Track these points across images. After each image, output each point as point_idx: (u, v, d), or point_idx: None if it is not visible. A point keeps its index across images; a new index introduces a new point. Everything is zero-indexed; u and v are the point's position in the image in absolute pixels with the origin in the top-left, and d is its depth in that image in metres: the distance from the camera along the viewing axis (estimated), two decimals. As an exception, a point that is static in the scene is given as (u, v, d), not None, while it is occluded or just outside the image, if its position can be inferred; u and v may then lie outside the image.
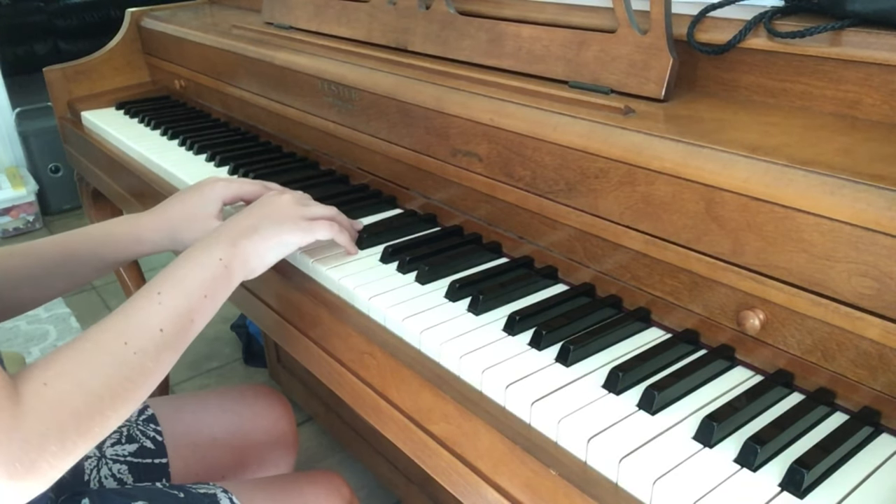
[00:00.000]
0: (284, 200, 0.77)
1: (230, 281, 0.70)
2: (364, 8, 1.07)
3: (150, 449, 0.88)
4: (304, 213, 0.76)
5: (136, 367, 0.60)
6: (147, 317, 0.63)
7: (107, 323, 0.62)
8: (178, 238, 0.82)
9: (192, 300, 0.65)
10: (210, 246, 0.70)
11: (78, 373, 0.57)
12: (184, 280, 0.66)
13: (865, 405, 0.55)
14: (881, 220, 0.50)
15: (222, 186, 0.84)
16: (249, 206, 0.77)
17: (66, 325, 2.19)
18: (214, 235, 0.72)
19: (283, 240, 0.74)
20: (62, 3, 4.61)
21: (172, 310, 0.64)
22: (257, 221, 0.73)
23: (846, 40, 0.65)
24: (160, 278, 0.66)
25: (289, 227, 0.74)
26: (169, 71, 1.49)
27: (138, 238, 0.82)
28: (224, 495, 0.78)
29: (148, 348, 0.61)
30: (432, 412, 0.63)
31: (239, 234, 0.71)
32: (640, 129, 0.65)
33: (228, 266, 0.69)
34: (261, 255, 0.72)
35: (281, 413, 1.03)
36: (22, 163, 2.97)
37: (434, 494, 1.34)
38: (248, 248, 0.71)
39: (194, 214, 0.83)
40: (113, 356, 0.59)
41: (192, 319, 0.65)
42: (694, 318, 0.64)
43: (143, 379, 0.61)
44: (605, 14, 0.80)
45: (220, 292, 0.69)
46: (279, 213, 0.75)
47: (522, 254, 0.80)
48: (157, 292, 0.64)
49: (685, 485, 0.49)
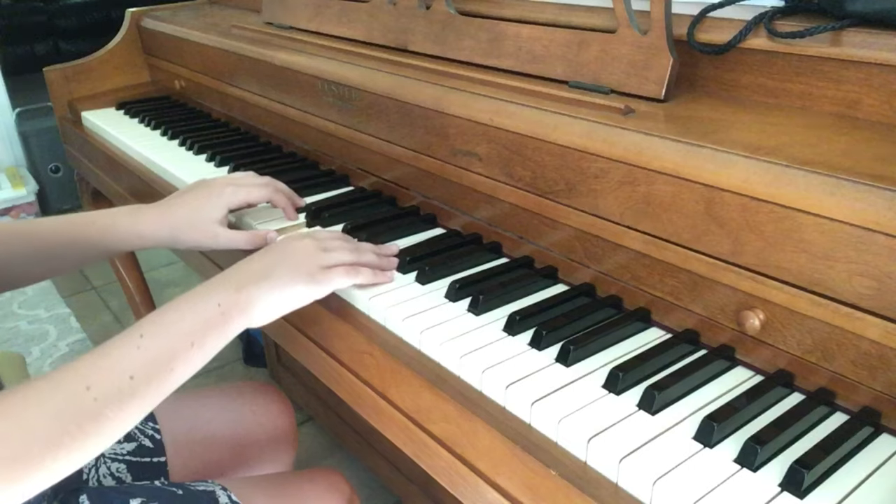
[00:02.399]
0: (303, 245, 0.70)
1: (226, 329, 0.63)
2: (364, 8, 1.07)
3: (148, 447, 0.88)
4: (322, 261, 0.69)
5: (91, 414, 0.54)
6: (118, 360, 0.57)
7: (75, 363, 0.56)
8: (179, 238, 0.82)
9: (176, 347, 0.59)
10: (212, 289, 0.64)
11: (23, 414, 0.52)
12: (172, 324, 0.61)
13: (865, 405, 0.55)
14: (881, 220, 0.50)
15: (230, 192, 0.83)
16: (267, 248, 0.71)
17: (66, 325, 2.19)
18: (221, 277, 0.66)
19: (295, 291, 0.67)
20: (62, 3, 4.61)
21: (150, 355, 0.58)
22: (270, 267, 0.67)
23: (846, 40, 0.65)
24: (148, 319, 0.61)
25: (303, 277, 0.67)
26: (169, 71, 1.49)
27: (140, 233, 0.82)
28: (223, 493, 0.78)
29: (110, 396, 0.55)
30: (432, 412, 0.63)
31: (247, 279, 0.65)
32: (640, 129, 0.65)
33: (226, 313, 0.63)
34: (266, 303, 0.65)
35: (280, 410, 1.02)
36: (22, 163, 2.97)
37: (434, 494, 1.34)
38: (253, 295, 0.64)
39: (198, 218, 0.82)
40: (68, 400, 0.54)
41: (173, 369, 0.59)
42: (694, 318, 0.64)
43: (98, 428, 0.55)
44: (605, 14, 0.80)
45: (211, 341, 0.62)
46: (295, 260, 0.68)
47: (522, 254, 0.80)
48: (140, 335, 0.59)
49: (685, 485, 0.49)
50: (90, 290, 2.41)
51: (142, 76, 1.60)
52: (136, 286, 1.66)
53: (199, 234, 0.82)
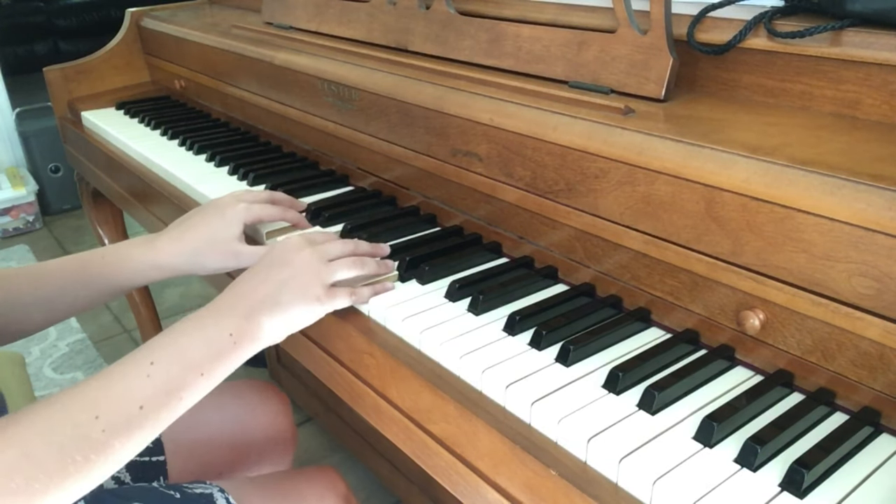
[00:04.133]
0: (306, 262, 0.69)
1: (236, 356, 0.63)
2: (364, 8, 1.07)
3: (147, 447, 0.87)
4: (325, 279, 0.69)
5: (99, 445, 0.54)
6: (129, 389, 0.56)
7: (82, 387, 0.55)
8: (200, 262, 0.79)
9: (186, 377, 0.59)
10: (222, 315, 0.64)
11: (29, 445, 0.51)
12: (183, 353, 0.60)
13: (865, 405, 0.55)
14: (881, 220, 0.50)
15: (243, 209, 0.81)
16: (268, 261, 0.69)
17: (66, 325, 2.19)
18: (229, 301, 0.66)
19: (303, 313, 0.67)
20: (62, 3, 4.61)
21: (161, 386, 0.57)
22: (277, 292, 0.66)
23: (846, 40, 0.65)
24: (157, 344, 0.60)
25: (310, 299, 0.67)
26: (169, 71, 1.49)
27: (156, 264, 0.78)
28: (220, 495, 0.78)
29: (120, 426, 0.55)
30: (432, 412, 0.63)
31: (257, 307, 0.65)
32: (640, 129, 0.65)
33: (238, 342, 0.63)
34: (276, 329, 0.66)
35: (279, 409, 1.02)
36: (22, 163, 2.97)
37: (434, 494, 1.34)
38: (264, 323, 0.64)
39: (217, 238, 0.79)
40: (76, 430, 0.53)
41: (181, 398, 0.59)
42: (694, 318, 0.64)
43: (104, 459, 0.54)
44: (605, 14, 0.80)
45: (220, 370, 0.62)
46: (301, 282, 0.67)
47: (522, 254, 0.80)
48: (150, 362, 0.58)
49: (685, 485, 0.49)
50: (90, 290, 2.41)
51: (142, 76, 1.60)
52: (139, 291, 1.66)
53: (221, 255, 0.79)
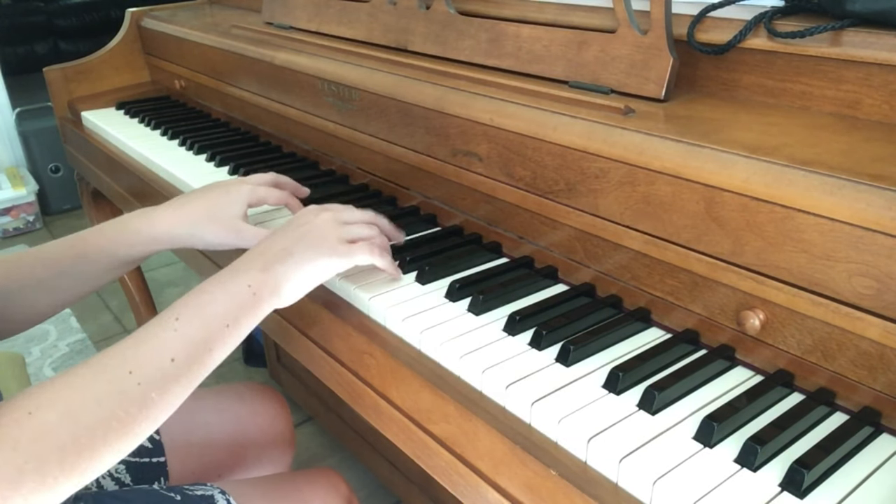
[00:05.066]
0: (323, 220, 0.71)
1: (258, 309, 0.64)
2: (364, 8, 1.07)
3: (147, 448, 0.88)
4: (342, 234, 0.70)
5: (137, 398, 0.55)
6: (159, 344, 0.58)
7: (114, 349, 0.57)
8: (198, 234, 0.78)
9: (212, 329, 0.60)
10: (239, 270, 0.65)
11: (69, 402, 0.52)
12: (206, 306, 0.61)
13: (865, 405, 0.55)
14: (881, 220, 0.50)
15: (248, 190, 0.81)
16: (285, 225, 0.71)
17: (66, 325, 2.19)
18: (245, 259, 0.67)
19: (320, 265, 0.68)
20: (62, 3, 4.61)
21: (188, 338, 0.59)
22: (292, 244, 0.67)
23: (846, 40, 0.65)
24: (180, 303, 0.61)
25: (326, 251, 0.68)
26: (169, 71, 1.49)
27: (154, 235, 0.78)
28: (221, 497, 0.78)
29: (154, 379, 0.56)
30: (432, 412, 0.63)
31: (272, 259, 0.66)
32: (640, 129, 0.65)
33: (257, 293, 0.64)
34: (294, 281, 0.66)
35: (278, 411, 1.02)
36: (22, 163, 2.97)
37: (434, 494, 1.34)
38: (280, 274, 0.65)
39: (219, 213, 0.79)
40: (112, 385, 0.54)
41: (211, 349, 0.60)
42: (694, 318, 0.64)
43: (145, 413, 0.55)
44: (605, 14, 0.80)
45: (245, 322, 0.63)
46: (317, 235, 0.69)
47: (522, 254, 0.80)
48: (175, 318, 0.59)
49: (685, 485, 0.49)
50: (90, 290, 2.41)
51: (142, 76, 1.60)
52: (136, 286, 1.67)
53: (221, 229, 0.78)
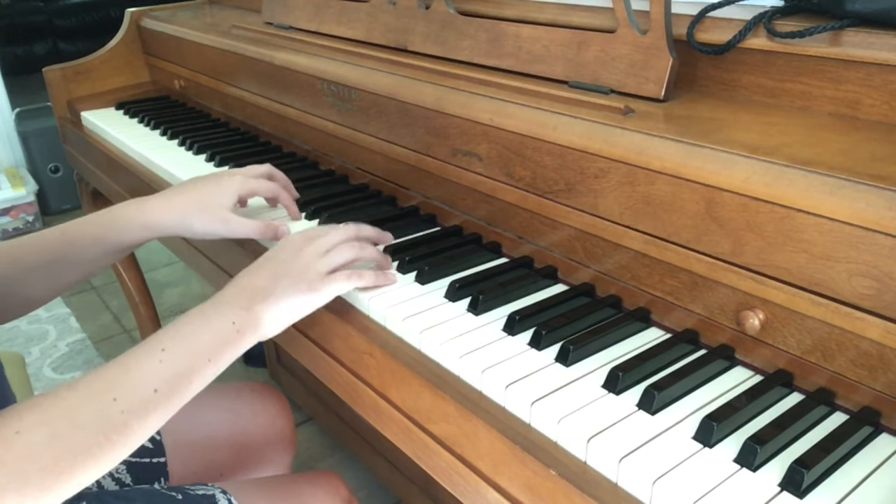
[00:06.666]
0: (304, 255, 0.71)
1: (239, 345, 0.66)
2: (364, 8, 1.07)
3: (148, 448, 0.88)
4: (321, 268, 0.71)
5: (119, 426, 0.56)
6: (143, 374, 0.59)
7: (101, 372, 0.58)
8: (188, 224, 0.80)
9: (195, 362, 0.62)
10: (223, 305, 0.67)
11: (55, 425, 0.53)
12: (191, 340, 0.63)
13: (865, 405, 0.55)
14: (881, 220, 0.50)
15: (239, 181, 0.83)
16: (268, 256, 0.72)
17: (66, 325, 2.19)
18: (228, 293, 0.68)
19: (297, 303, 0.69)
20: (62, 3, 4.61)
21: (172, 370, 0.60)
22: (272, 284, 0.68)
23: (846, 40, 0.65)
24: (166, 333, 0.63)
25: (304, 288, 0.69)
26: (169, 71, 1.49)
27: (146, 223, 0.80)
28: (223, 496, 0.78)
29: (137, 408, 0.57)
30: (432, 412, 0.63)
31: (254, 298, 0.67)
32: (639, 129, 0.65)
33: (241, 330, 0.66)
34: (275, 319, 0.68)
35: (278, 410, 1.02)
36: (22, 163, 2.97)
37: (434, 495, 1.34)
38: (261, 312, 0.67)
39: (209, 203, 0.81)
40: (97, 412, 0.55)
41: (191, 381, 0.62)
42: (694, 318, 0.64)
43: (124, 440, 0.56)
44: (605, 14, 0.80)
45: (226, 356, 0.65)
46: (296, 273, 0.70)
47: (522, 254, 0.80)
48: (161, 349, 0.61)
49: (685, 485, 0.49)
50: (90, 290, 2.41)
51: (141, 76, 1.60)
52: (136, 286, 1.66)
53: (210, 220, 0.80)
